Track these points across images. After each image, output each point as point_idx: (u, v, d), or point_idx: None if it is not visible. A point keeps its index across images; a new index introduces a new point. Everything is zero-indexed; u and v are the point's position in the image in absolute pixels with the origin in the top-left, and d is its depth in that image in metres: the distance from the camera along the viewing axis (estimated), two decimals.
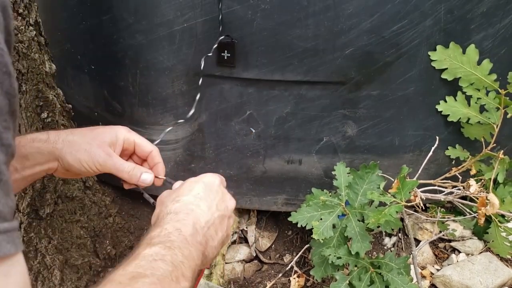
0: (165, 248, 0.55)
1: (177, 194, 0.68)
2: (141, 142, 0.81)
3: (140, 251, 0.54)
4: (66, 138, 0.76)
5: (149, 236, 0.58)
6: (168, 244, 0.56)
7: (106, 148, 0.76)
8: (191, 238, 0.60)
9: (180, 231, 0.60)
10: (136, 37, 1.15)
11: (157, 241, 0.57)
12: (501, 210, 1.10)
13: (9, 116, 0.38)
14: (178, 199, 0.67)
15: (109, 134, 0.78)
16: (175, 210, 0.64)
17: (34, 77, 1.03)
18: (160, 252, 0.54)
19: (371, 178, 1.18)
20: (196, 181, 0.71)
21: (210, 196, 0.69)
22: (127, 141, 0.80)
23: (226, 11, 1.07)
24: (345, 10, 1.06)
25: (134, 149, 0.81)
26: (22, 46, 0.99)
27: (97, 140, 0.77)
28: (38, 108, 1.06)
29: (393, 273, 1.12)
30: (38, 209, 1.06)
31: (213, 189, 0.71)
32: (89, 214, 1.29)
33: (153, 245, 0.55)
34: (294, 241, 1.63)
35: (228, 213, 0.72)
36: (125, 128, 0.81)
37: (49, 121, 1.10)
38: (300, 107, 1.23)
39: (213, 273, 1.60)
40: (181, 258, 0.55)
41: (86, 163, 0.75)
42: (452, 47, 1.13)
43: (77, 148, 0.75)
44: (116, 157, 0.77)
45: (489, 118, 1.19)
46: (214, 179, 0.73)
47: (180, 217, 0.62)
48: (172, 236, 0.58)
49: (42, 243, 1.08)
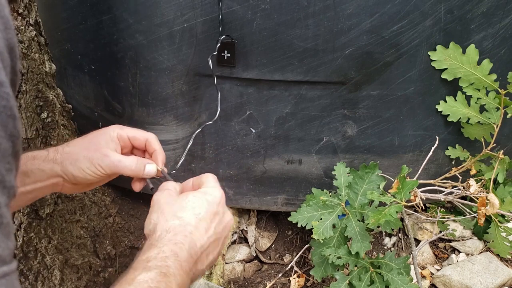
0: (161, 274, 0.55)
1: (178, 207, 0.67)
2: (134, 135, 0.80)
3: (136, 275, 0.54)
4: (64, 151, 0.76)
5: (146, 257, 0.58)
6: (164, 270, 0.56)
7: (104, 149, 0.76)
8: (185, 264, 0.60)
9: (177, 256, 0.59)
10: (136, 37, 1.15)
11: (154, 265, 0.56)
12: (501, 210, 1.10)
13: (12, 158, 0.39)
14: (180, 215, 0.65)
15: (103, 136, 0.78)
16: (174, 230, 0.63)
17: (34, 77, 1.03)
18: (156, 279, 0.54)
19: (371, 178, 1.18)
20: (199, 197, 0.69)
21: (209, 217, 0.67)
22: (121, 138, 0.79)
23: (226, 11, 1.07)
24: (345, 10, 1.06)
25: (131, 144, 0.81)
26: (22, 46, 0.99)
27: (93, 145, 0.77)
28: (38, 108, 1.06)
29: (393, 273, 1.12)
30: (38, 209, 1.06)
31: (214, 209, 0.69)
32: (89, 214, 1.29)
33: (150, 269, 0.55)
34: (294, 241, 1.63)
35: (224, 235, 0.71)
36: (116, 126, 0.81)
37: (49, 121, 1.10)
38: (300, 107, 1.23)
39: (213, 273, 1.60)
40: (174, 286, 0.56)
41: (89, 169, 0.75)
42: (452, 47, 1.13)
43: (76, 157, 0.75)
44: (115, 155, 0.77)
45: (489, 118, 1.19)
46: (216, 197, 0.70)
47: (178, 240, 0.62)
48: (168, 261, 0.58)
49: (42, 243, 1.08)
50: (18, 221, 1.02)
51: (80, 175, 0.75)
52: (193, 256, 0.62)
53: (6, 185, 0.38)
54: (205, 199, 0.68)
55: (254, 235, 1.62)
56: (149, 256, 0.58)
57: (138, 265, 0.57)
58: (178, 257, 0.59)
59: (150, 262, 0.57)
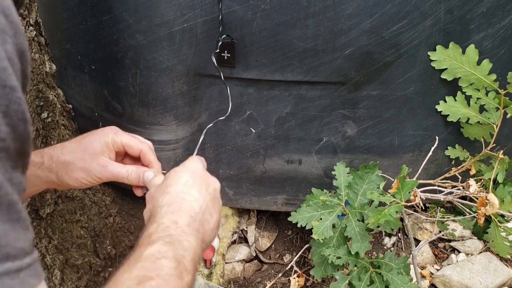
0: (165, 244, 0.55)
1: (165, 185, 0.67)
2: (128, 143, 0.79)
3: (142, 251, 0.54)
4: (59, 160, 0.75)
5: (148, 233, 0.58)
6: (167, 239, 0.56)
7: (100, 159, 0.76)
8: (188, 228, 0.60)
9: (177, 223, 0.60)
10: (136, 37, 1.15)
11: (156, 237, 0.57)
12: (501, 210, 1.10)
13: (19, 157, 0.40)
14: (168, 190, 0.66)
15: (98, 141, 0.77)
16: (168, 202, 0.63)
17: (34, 77, 1.03)
18: (162, 250, 0.54)
19: (371, 178, 1.18)
20: (181, 170, 0.70)
21: (197, 182, 0.68)
22: (115, 144, 0.78)
23: (226, 11, 1.07)
24: (345, 10, 1.06)
25: (125, 151, 0.80)
26: None
27: (88, 153, 0.76)
28: (38, 108, 1.06)
29: (393, 273, 1.12)
30: (38, 209, 1.07)
31: (198, 175, 0.70)
32: (89, 214, 1.29)
33: (153, 243, 0.56)
34: (294, 241, 1.63)
35: (217, 195, 0.72)
36: (112, 129, 0.80)
37: (49, 121, 1.10)
38: (300, 107, 1.23)
39: (213, 273, 1.60)
40: (182, 251, 0.56)
41: (85, 179, 0.75)
42: (451, 47, 1.13)
43: (72, 168, 0.75)
44: (111, 165, 0.76)
45: (489, 118, 1.19)
46: (198, 164, 0.72)
47: (174, 208, 0.62)
48: (170, 230, 0.58)
49: (42, 243, 1.08)
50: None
51: (75, 184, 0.75)
52: (194, 217, 0.63)
53: (14, 182, 0.39)
54: (188, 169, 0.70)
55: (254, 235, 1.62)
56: (151, 232, 0.58)
57: (142, 242, 0.57)
58: (178, 223, 0.60)
59: (152, 236, 0.57)
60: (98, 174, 0.75)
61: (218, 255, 1.60)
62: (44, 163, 0.75)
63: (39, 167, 0.75)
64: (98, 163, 0.75)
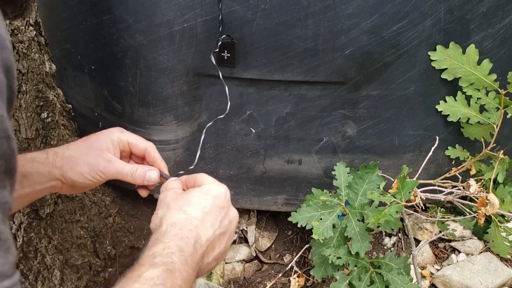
0: (167, 271, 0.56)
1: (184, 202, 0.67)
2: (134, 141, 0.79)
3: (143, 272, 0.55)
4: (64, 155, 0.76)
5: (152, 253, 0.59)
6: (169, 266, 0.57)
7: (105, 154, 0.76)
8: (190, 259, 0.61)
9: (182, 251, 0.60)
10: (136, 37, 1.15)
11: (160, 261, 0.57)
12: (501, 210, 1.10)
13: (4, 175, 0.39)
14: (185, 209, 0.66)
15: (104, 140, 0.77)
16: (180, 225, 0.63)
17: (34, 77, 1.03)
18: (162, 276, 0.55)
19: (371, 178, 1.18)
20: (205, 193, 0.69)
21: (215, 211, 0.68)
22: (121, 142, 0.78)
23: (226, 11, 1.07)
24: (345, 10, 1.06)
25: (130, 150, 0.80)
26: (22, 46, 0.99)
27: (93, 149, 0.76)
28: (38, 108, 1.06)
29: (393, 273, 1.12)
30: (38, 209, 1.06)
31: (219, 204, 0.69)
32: (89, 214, 1.29)
33: (156, 266, 0.56)
34: (294, 241, 1.63)
35: (230, 229, 0.71)
36: (118, 129, 0.80)
37: (49, 121, 1.10)
38: (300, 107, 1.23)
39: (213, 273, 1.60)
40: (180, 282, 0.57)
41: (89, 174, 0.75)
42: (452, 47, 1.13)
43: (76, 162, 0.75)
44: (116, 162, 0.76)
45: (489, 118, 1.19)
46: (222, 192, 0.71)
47: (184, 234, 0.62)
48: (174, 257, 0.59)
49: (42, 243, 1.08)
50: (18, 221, 1.02)
51: (79, 180, 0.75)
52: (198, 249, 0.63)
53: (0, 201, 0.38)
54: (211, 194, 0.69)
55: (254, 235, 1.62)
56: (155, 252, 0.59)
57: (145, 261, 0.57)
58: (183, 252, 0.60)
59: (156, 258, 0.57)
60: (102, 169, 0.75)
61: None
62: (48, 158, 0.75)
63: (43, 162, 0.74)
64: (103, 157, 0.75)
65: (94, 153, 0.75)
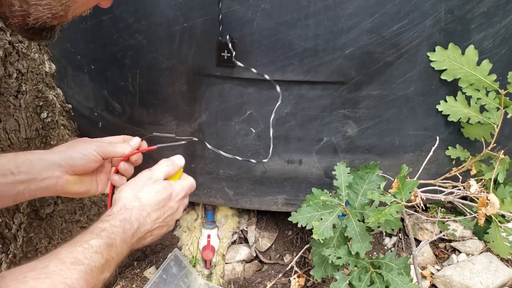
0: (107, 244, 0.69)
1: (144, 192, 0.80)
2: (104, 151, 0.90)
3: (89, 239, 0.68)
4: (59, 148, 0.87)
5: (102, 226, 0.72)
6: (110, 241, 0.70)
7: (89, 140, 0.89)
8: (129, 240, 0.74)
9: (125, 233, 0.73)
10: (136, 37, 1.15)
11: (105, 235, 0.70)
12: (501, 210, 1.10)
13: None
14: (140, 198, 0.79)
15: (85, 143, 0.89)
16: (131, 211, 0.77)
17: (34, 77, 1.03)
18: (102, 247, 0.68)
19: (371, 178, 1.18)
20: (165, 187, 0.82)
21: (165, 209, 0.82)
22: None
23: (226, 11, 1.07)
24: (345, 10, 1.06)
25: None
26: (22, 46, 0.99)
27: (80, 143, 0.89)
28: (38, 108, 1.06)
29: (393, 273, 1.12)
30: (38, 209, 1.06)
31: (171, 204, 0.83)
32: (89, 214, 1.29)
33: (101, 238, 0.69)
34: (294, 241, 1.63)
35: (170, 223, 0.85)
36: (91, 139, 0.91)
37: (49, 121, 1.10)
38: (300, 107, 1.23)
39: (213, 274, 1.60)
40: (114, 255, 0.70)
41: (85, 149, 0.86)
42: (451, 48, 1.13)
43: (72, 145, 0.87)
44: (105, 139, 0.91)
45: (489, 118, 1.19)
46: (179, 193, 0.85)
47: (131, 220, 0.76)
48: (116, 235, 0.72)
49: (42, 243, 1.08)
50: (18, 221, 1.02)
51: (78, 156, 0.85)
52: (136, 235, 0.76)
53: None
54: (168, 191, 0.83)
55: (254, 235, 1.62)
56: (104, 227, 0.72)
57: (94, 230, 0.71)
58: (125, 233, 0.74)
59: (103, 232, 0.71)
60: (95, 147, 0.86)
61: (218, 255, 1.60)
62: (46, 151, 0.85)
63: (42, 153, 0.84)
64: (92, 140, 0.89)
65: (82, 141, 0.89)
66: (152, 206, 0.79)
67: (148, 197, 0.80)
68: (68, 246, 0.65)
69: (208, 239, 1.56)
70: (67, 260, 0.62)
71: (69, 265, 0.61)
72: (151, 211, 0.79)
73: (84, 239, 0.68)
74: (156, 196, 0.80)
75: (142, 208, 0.78)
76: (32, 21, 0.61)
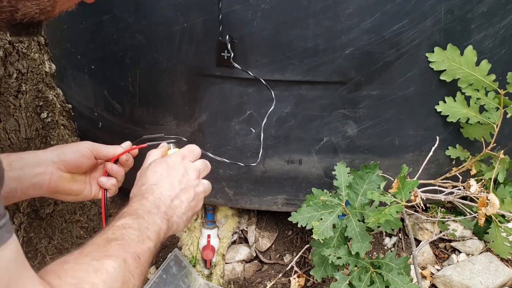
0: (132, 218, 0.70)
1: (145, 177, 0.83)
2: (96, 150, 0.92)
3: (113, 223, 0.69)
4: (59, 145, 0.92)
5: (121, 213, 0.73)
6: (134, 215, 0.71)
7: None
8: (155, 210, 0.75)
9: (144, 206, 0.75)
10: (136, 37, 1.15)
11: (126, 214, 0.72)
12: (501, 210, 1.10)
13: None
14: (145, 181, 0.81)
15: None
16: (141, 192, 0.79)
17: (34, 77, 1.03)
18: (128, 222, 0.69)
19: (371, 178, 1.18)
20: (160, 162, 0.85)
21: (172, 174, 0.83)
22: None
23: (226, 11, 1.07)
24: (345, 10, 1.06)
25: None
26: (22, 46, 0.99)
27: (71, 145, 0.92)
28: (38, 108, 1.06)
29: (393, 273, 1.12)
30: (38, 209, 1.06)
31: (175, 167, 0.84)
32: (89, 214, 1.29)
33: (123, 217, 0.71)
34: (294, 241, 1.63)
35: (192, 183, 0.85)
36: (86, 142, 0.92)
37: (49, 121, 1.10)
38: (300, 107, 1.23)
39: (213, 273, 1.60)
40: (146, 224, 0.71)
41: (78, 145, 0.87)
42: (449, 49, 1.13)
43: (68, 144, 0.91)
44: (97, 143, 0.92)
45: (489, 118, 1.19)
46: (177, 159, 0.86)
47: (145, 196, 0.78)
48: (138, 211, 0.73)
49: (42, 243, 1.08)
50: (18, 221, 1.02)
51: (70, 151, 0.86)
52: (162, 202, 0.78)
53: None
54: (166, 162, 0.85)
55: (254, 235, 1.62)
56: (122, 212, 0.74)
57: (115, 217, 0.72)
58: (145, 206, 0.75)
59: (123, 214, 0.72)
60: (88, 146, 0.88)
61: (218, 255, 1.60)
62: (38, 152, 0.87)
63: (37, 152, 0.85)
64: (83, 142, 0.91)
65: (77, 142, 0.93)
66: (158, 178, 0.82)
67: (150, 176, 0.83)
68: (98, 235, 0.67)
69: (208, 239, 1.56)
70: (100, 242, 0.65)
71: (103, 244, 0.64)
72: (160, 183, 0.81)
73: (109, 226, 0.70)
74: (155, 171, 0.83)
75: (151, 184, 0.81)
76: (20, 17, 0.60)
